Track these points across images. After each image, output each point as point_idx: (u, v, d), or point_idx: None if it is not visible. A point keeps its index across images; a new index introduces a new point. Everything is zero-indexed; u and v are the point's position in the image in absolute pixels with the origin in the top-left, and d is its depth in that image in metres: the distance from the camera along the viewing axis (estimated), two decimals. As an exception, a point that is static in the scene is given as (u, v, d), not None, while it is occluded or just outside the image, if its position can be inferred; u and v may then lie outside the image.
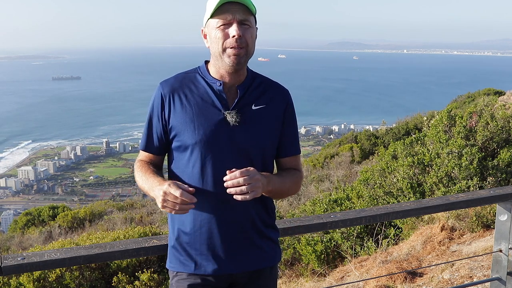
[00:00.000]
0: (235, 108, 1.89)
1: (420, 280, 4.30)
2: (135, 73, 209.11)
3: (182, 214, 1.93)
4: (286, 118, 1.99)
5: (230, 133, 1.86)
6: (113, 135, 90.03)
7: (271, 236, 2.00)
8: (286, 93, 2.03)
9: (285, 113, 1.99)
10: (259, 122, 1.91)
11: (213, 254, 1.90)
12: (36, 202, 54.23)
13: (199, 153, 1.86)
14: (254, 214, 1.93)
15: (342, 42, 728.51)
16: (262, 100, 1.94)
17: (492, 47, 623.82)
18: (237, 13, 1.81)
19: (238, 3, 1.81)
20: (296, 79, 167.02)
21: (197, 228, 1.90)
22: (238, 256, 1.92)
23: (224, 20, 1.82)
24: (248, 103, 1.91)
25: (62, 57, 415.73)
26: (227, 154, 1.86)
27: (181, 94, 1.91)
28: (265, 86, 1.99)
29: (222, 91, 1.90)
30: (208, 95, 1.90)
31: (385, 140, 19.23)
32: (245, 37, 1.83)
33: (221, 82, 1.90)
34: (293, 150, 2.04)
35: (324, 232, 6.02)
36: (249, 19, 1.84)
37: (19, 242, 12.66)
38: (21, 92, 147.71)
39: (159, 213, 13.21)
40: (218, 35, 1.84)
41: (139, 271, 4.73)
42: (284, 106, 1.99)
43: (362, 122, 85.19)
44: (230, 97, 1.91)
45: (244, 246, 1.92)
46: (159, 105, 1.93)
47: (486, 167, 5.89)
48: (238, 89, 1.91)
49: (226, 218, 1.88)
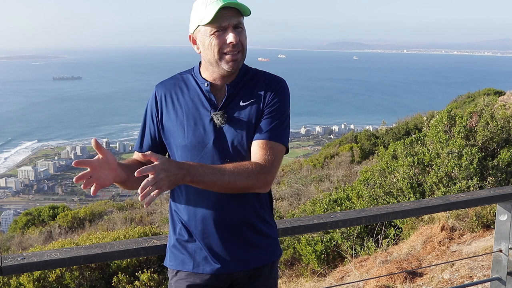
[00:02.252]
0: (223, 107, 1.87)
1: (420, 280, 4.30)
2: (135, 73, 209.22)
3: (180, 215, 1.94)
4: (270, 103, 1.86)
5: (218, 133, 1.85)
6: (113, 135, 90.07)
7: (269, 232, 1.99)
8: (277, 81, 1.91)
9: (270, 99, 1.87)
10: (246, 118, 1.86)
11: (211, 253, 1.90)
12: (36, 202, 54.22)
13: (189, 154, 1.87)
14: (249, 211, 1.92)
15: (342, 42, 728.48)
16: (251, 95, 1.89)
17: (492, 47, 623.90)
18: (231, 18, 1.78)
19: (231, 7, 1.78)
20: (296, 79, 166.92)
21: (195, 228, 1.91)
22: (237, 255, 1.91)
23: (218, 27, 1.78)
24: (237, 100, 1.89)
25: (62, 57, 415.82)
26: (216, 154, 1.85)
27: (173, 95, 1.92)
28: (257, 79, 1.92)
29: (209, 91, 1.88)
30: (198, 96, 1.90)
31: (385, 140, 19.22)
32: (241, 41, 1.82)
33: (208, 82, 1.88)
34: (262, 135, 1.83)
35: (324, 232, 6.02)
36: (241, 22, 1.83)
37: (19, 242, 12.66)
38: (22, 92, 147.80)
39: (159, 213, 13.21)
40: (213, 42, 1.80)
41: (139, 271, 4.73)
42: (271, 93, 1.88)
43: (362, 122, 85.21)
44: (219, 96, 1.89)
45: (242, 245, 1.92)
46: (153, 106, 1.95)
47: (486, 167, 5.89)
48: (226, 87, 1.89)
49: (221, 217, 1.88)
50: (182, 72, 2.01)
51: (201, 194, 1.87)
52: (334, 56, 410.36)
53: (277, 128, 1.85)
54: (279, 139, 1.85)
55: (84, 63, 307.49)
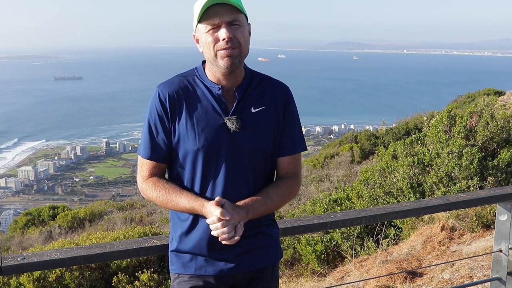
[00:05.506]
0: (234, 112, 1.85)
1: (420, 280, 4.30)
2: (136, 73, 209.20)
3: (184, 218, 1.92)
4: (286, 116, 1.94)
5: (231, 139, 1.84)
6: (113, 134, 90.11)
7: (271, 233, 1.99)
8: (285, 90, 1.97)
9: (285, 111, 1.94)
10: (259, 125, 1.88)
11: (214, 255, 1.90)
12: (36, 202, 54.23)
13: (201, 159, 1.84)
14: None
15: (342, 42, 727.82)
16: (261, 101, 1.91)
17: (492, 47, 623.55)
18: (225, 15, 1.77)
19: (224, 4, 1.77)
20: (296, 79, 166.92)
21: (198, 230, 1.89)
22: (239, 257, 1.91)
23: (212, 24, 1.78)
24: (247, 106, 1.88)
25: (62, 57, 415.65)
26: (228, 159, 1.85)
27: (182, 98, 1.86)
28: (264, 85, 1.94)
29: (221, 95, 1.86)
30: (207, 100, 1.87)
31: (385, 140, 19.22)
32: (237, 37, 1.79)
33: (219, 86, 1.86)
34: (291, 150, 1.96)
35: (324, 232, 6.02)
36: (238, 18, 1.80)
37: (19, 242, 12.66)
38: (25, 92, 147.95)
39: (159, 213, 13.21)
40: (208, 40, 1.80)
41: (139, 271, 4.72)
42: (284, 104, 1.94)
43: (362, 122, 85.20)
44: (229, 101, 1.88)
45: (244, 247, 1.91)
46: (161, 110, 1.86)
47: (486, 167, 5.89)
48: (236, 92, 1.87)
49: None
50: (183, 73, 1.94)
51: (204, 194, 1.86)
52: (334, 56, 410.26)
53: (300, 139, 1.99)
54: (302, 148, 2.00)
55: (85, 63, 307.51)
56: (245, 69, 1.93)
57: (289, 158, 1.97)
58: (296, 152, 1.98)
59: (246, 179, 1.88)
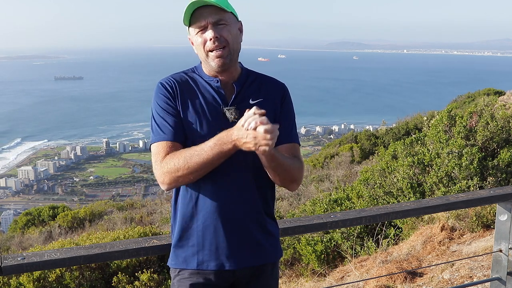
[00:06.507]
0: (234, 103, 1.92)
1: (420, 280, 4.30)
2: (137, 73, 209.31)
3: (185, 212, 1.92)
4: (283, 109, 2.00)
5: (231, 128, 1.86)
6: (113, 135, 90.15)
7: (271, 230, 2.01)
8: (282, 86, 2.05)
9: (282, 105, 2.00)
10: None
11: (216, 250, 1.91)
12: (36, 202, 54.25)
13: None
14: (256, 207, 1.94)
15: (342, 42, 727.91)
16: (259, 94, 1.98)
17: (492, 47, 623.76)
18: (209, 16, 1.85)
19: (209, 5, 1.84)
20: (296, 79, 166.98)
21: (199, 224, 1.91)
22: (240, 252, 1.92)
23: (199, 27, 1.88)
24: (246, 98, 1.95)
25: (62, 57, 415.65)
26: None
27: (183, 89, 1.94)
28: (260, 81, 2.02)
29: (220, 87, 1.94)
30: (207, 91, 1.94)
31: (385, 140, 19.24)
32: (223, 35, 1.86)
33: (218, 79, 1.94)
34: (288, 138, 1.98)
35: (324, 232, 6.02)
36: (223, 17, 1.87)
37: (19, 242, 12.67)
38: (26, 92, 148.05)
39: (159, 213, 13.22)
40: (198, 41, 1.90)
41: (139, 271, 4.73)
42: (281, 98, 2.01)
43: (362, 122, 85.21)
44: (227, 93, 1.95)
45: (246, 242, 1.92)
46: (167, 95, 1.90)
47: (486, 167, 5.89)
48: (234, 85, 1.94)
49: (228, 213, 1.89)
50: (183, 70, 2.03)
51: (208, 191, 1.88)
52: (334, 56, 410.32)
53: (295, 133, 2.04)
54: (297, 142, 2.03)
55: (85, 63, 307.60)
56: (241, 68, 2.01)
57: (287, 146, 1.97)
58: (293, 141, 2.00)
59: (247, 169, 1.91)
